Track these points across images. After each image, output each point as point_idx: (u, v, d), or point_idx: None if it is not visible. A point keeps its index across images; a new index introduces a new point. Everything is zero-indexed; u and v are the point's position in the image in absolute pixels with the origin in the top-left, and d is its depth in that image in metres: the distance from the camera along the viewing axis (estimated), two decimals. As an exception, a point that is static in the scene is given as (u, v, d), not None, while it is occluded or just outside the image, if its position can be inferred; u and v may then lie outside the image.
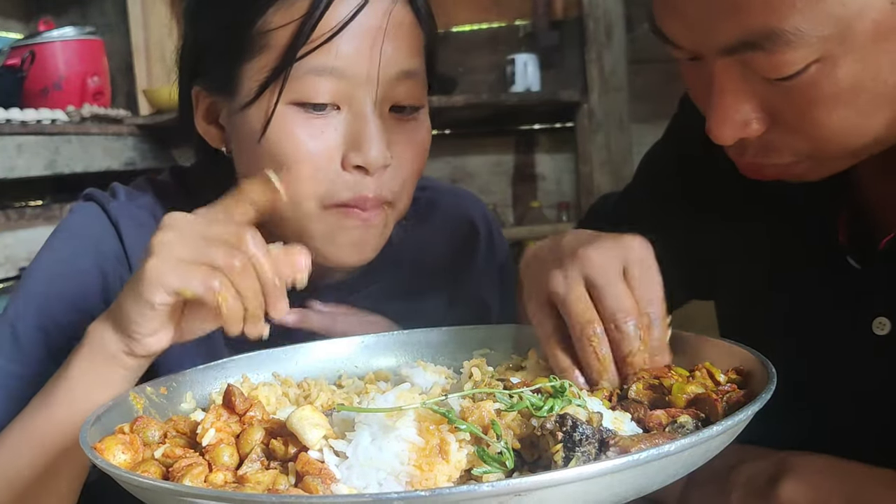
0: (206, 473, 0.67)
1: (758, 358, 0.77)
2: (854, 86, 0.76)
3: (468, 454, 0.65)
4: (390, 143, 0.99)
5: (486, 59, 3.57)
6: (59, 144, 2.63)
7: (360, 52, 0.96)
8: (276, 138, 0.98)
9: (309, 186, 0.98)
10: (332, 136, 0.98)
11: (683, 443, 0.60)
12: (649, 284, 0.81)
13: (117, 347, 0.84)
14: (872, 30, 0.73)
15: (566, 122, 3.52)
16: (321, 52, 0.96)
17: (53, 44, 2.84)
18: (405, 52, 1.00)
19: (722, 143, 0.84)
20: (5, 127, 2.43)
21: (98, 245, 1.07)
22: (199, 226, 0.81)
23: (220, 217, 0.83)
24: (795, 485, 0.84)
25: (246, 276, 0.78)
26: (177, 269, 0.78)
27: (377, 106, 0.98)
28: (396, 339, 1.00)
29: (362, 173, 0.98)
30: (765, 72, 0.77)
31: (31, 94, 2.73)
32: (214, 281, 0.78)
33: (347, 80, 0.96)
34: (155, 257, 0.79)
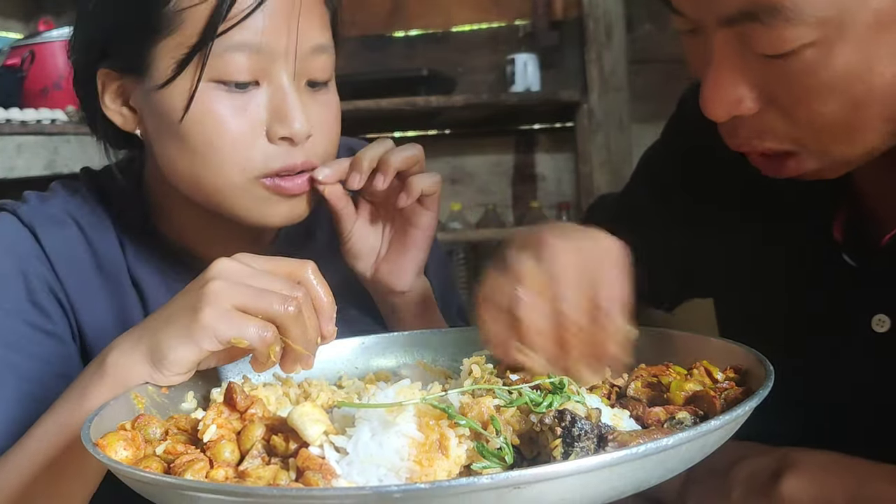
0: (208, 469, 0.67)
1: (755, 356, 0.78)
2: (849, 74, 0.76)
3: (468, 450, 0.65)
4: (309, 115, 1.01)
5: (486, 59, 3.58)
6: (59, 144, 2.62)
7: (278, 27, 0.98)
8: (198, 117, 0.98)
9: (236, 162, 0.99)
10: (255, 111, 0.99)
11: (682, 437, 0.60)
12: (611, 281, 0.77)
13: (144, 377, 0.84)
14: (873, 19, 0.73)
15: (566, 122, 3.52)
16: (241, 28, 0.96)
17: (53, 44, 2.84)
18: (317, 26, 1.02)
19: (714, 118, 0.84)
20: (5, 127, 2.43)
21: (14, 247, 1.06)
22: (249, 272, 0.83)
23: (271, 263, 0.85)
24: (798, 481, 0.84)
25: (300, 319, 0.82)
26: (232, 319, 0.80)
27: (294, 80, 1.00)
28: (396, 340, 1.01)
29: (288, 144, 1.00)
30: (761, 47, 0.77)
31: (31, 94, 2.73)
32: (268, 332, 0.80)
33: (266, 55, 0.98)
34: (208, 306, 0.80)
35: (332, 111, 1.06)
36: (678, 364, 0.82)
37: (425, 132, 3.65)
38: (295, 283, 0.84)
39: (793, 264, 1.00)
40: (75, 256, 1.08)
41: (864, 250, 0.94)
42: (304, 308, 0.82)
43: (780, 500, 0.84)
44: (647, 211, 1.15)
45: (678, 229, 1.11)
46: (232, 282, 0.81)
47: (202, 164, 1.00)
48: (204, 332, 0.80)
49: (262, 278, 0.82)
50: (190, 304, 0.81)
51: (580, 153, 3.44)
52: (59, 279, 1.06)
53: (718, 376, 0.79)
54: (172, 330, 0.82)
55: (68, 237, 1.08)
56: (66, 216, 1.09)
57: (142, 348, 0.83)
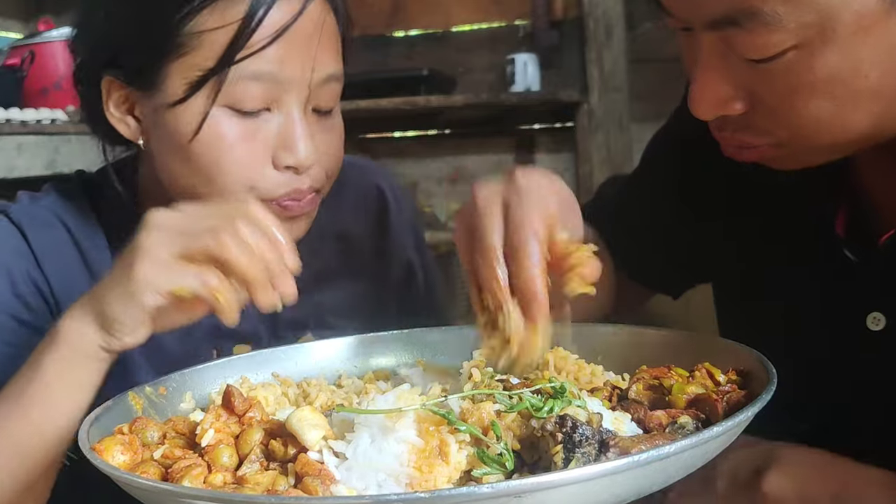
0: (206, 474, 0.67)
1: (758, 358, 0.77)
2: (832, 77, 0.76)
3: (468, 455, 0.65)
4: (315, 142, 1.01)
5: (485, 59, 3.57)
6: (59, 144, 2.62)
7: (293, 57, 0.98)
8: (207, 140, 0.98)
9: (242, 184, 0.99)
10: (263, 138, 0.99)
11: (683, 444, 0.60)
12: (523, 213, 0.79)
13: (96, 345, 0.83)
14: (854, 22, 0.73)
15: (566, 121, 3.51)
16: (259, 57, 0.96)
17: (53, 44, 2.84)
18: (332, 56, 1.02)
19: (700, 118, 0.85)
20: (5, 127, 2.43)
21: (1, 245, 1.07)
22: (184, 218, 0.81)
23: (206, 208, 0.83)
24: (780, 477, 0.84)
25: (245, 252, 0.78)
26: (168, 268, 0.78)
27: (304, 107, 1.00)
28: (396, 339, 1.00)
29: (294, 172, 1.00)
30: (744, 51, 0.78)
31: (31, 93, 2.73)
32: (210, 277, 0.77)
33: (280, 84, 0.98)
34: (143, 258, 0.78)
35: (337, 136, 1.06)
36: (680, 366, 0.81)
37: (425, 132, 3.64)
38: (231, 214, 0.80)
39: (792, 257, 1.00)
40: (62, 256, 1.08)
41: (865, 246, 0.94)
42: (250, 236, 0.78)
43: (763, 495, 0.85)
44: (651, 195, 1.15)
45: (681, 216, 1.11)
46: (166, 230, 0.79)
47: (207, 184, 1.00)
48: (142, 288, 0.78)
49: (199, 221, 0.80)
50: (127, 260, 0.79)
51: (580, 153, 3.43)
52: (45, 277, 1.06)
53: (720, 379, 0.79)
54: (115, 290, 0.80)
55: (56, 238, 1.09)
56: (55, 218, 1.10)
57: (90, 313, 0.82)
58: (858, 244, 0.94)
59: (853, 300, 0.93)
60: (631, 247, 1.15)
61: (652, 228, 1.14)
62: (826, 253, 0.96)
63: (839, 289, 0.95)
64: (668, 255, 1.13)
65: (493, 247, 0.78)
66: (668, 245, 1.13)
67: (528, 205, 0.79)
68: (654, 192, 1.16)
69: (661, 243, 1.13)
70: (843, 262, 0.94)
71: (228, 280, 0.78)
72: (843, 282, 0.94)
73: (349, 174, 1.26)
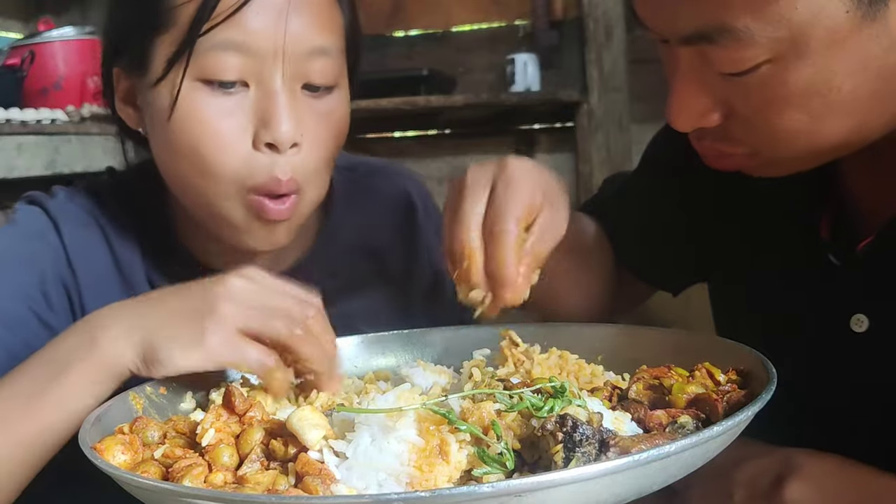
0: (206, 474, 0.67)
1: (758, 358, 0.77)
2: (806, 90, 0.77)
3: (468, 455, 0.65)
4: (302, 122, 0.97)
5: (485, 59, 3.57)
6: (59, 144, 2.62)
7: (267, 26, 0.94)
8: (183, 116, 0.96)
9: (221, 165, 0.96)
10: (242, 114, 0.96)
11: (684, 443, 0.60)
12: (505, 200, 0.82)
13: (129, 368, 0.83)
14: (826, 37, 0.74)
15: (566, 122, 3.51)
16: (226, 26, 0.94)
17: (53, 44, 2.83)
18: (316, 27, 0.98)
19: (678, 129, 0.86)
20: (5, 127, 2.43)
21: (36, 238, 1.06)
22: (259, 292, 0.83)
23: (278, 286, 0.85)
24: (801, 486, 0.83)
25: (314, 346, 0.82)
26: (236, 345, 0.80)
27: (287, 82, 0.96)
28: (396, 339, 1.00)
29: (273, 152, 0.96)
30: (719, 65, 0.79)
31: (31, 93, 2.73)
32: (269, 359, 0.81)
33: (254, 55, 0.95)
34: (216, 328, 0.80)
35: (331, 120, 1.01)
36: (680, 366, 0.81)
37: (425, 132, 3.64)
38: (304, 302, 0.84)
39: (778, 260, 1.01)
40: (94, 257, 1.07)
41: (848, 250, 0.94)
42: (314, 325, 0.83)
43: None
44: (652, 191, 1.16)
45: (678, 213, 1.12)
46: (241, 304, 0.81)
47: (190, 168, 0.98)
48: (207, 355, 0.80)
49: (272, 298, 0.83)
50: (196, 317, 0.81)
51: (580, 153, 3.43)
52: (75, 277, 1.05)
53: (720, 378, 0.79)
54: (174, 339, 0.81)
55: (89, 238, 1.08)
56: (90, 217, 1.09)
57: (136, 341, 0.82)
58: (842, 248, 0.94)
59: (837, 303, 0.94)
60: (632, 243, 1.15)
61: (652, 225, 1.14)
62: (811, 256, 0.97)
63: (824, 292, 0.95)
64: (667, 252, 1.14)
65: (470, 214, 0.82)
66: (667, 242, 1.13)
67: (514, 193, 0.82)
68: (654, 190, 1.16)
69: (660, 240, 1.14)
70: (828, 266, 0.95)
71: (285, 362, 0.82)
72: (828, 285, 0.95)
73: (379, 180, 1.26)
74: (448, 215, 0.86)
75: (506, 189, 0.82)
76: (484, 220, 0.82)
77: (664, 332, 0.92)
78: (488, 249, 0.81)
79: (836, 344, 0.93)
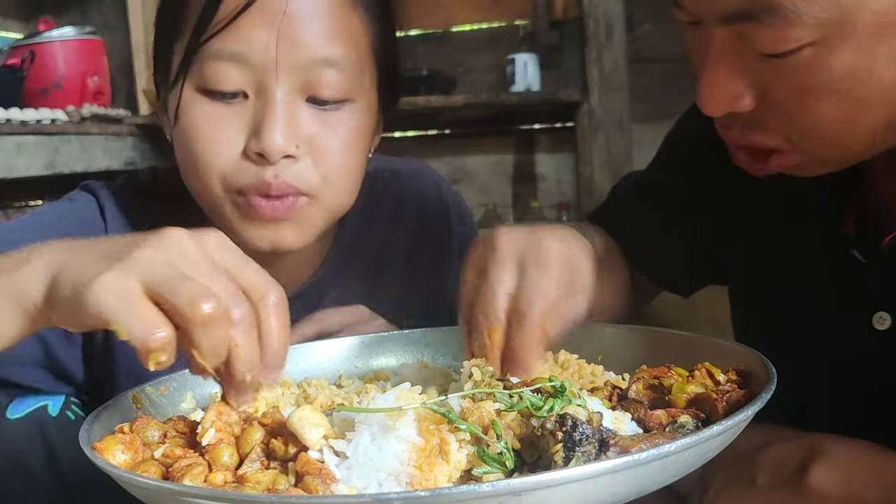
0: (206, 473, 0.67)
1: (758, 357, 0.77)
2: (847, 75, 0.75)
3: (468, 454, 0.65)
4: (307, 135, 0.96)
5: (485, 59, 3.57)
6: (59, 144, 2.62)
7: (264, 36, 0.93)
8: (186, 123, 0.97)
9: (209, 168, 0.97)
10: (236, 123, 0.96)
11: (683, 443, 0.60)
12: (536, 285, 0.81)
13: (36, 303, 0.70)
14: (873, 21, 0.73)
15: (566, 122, 3.51)
16: (224, 36, 0.93)
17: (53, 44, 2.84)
18: (324, 37, 0.95)
19: (708, 114, 0.83)
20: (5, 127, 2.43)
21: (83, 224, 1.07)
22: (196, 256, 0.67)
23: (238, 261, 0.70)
24: (827, 471, 0.81)
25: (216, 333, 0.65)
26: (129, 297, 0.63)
27: (286, 94, 0.95)
28: (396, 339, 1.00)
29: (263, 162, 0.95)
30: (760, 46, 0.77)
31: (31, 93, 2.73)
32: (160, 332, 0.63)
33: (252, 65, 0.94)
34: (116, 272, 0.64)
35: (339, 134, 0.98)
36: (680, 365, 0.81)
37: (425, 132, 3.64)
38: (241, 294, 0.68)
39: (800, 259, 1.00)
40: None
41: (873, 246, 0.94)
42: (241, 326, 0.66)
43: (808, 490, 0.81)
44: (666, 191, 1.15)
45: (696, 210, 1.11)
46: (161, 257, 0.65)
47: (191, 172, 1.00)
48: (87, 298, 0.63)
49: (202, 268, 0.66)
50: (109, 258, 0.66)
51: (580, 153, 3.43)
52: None
53: (720, 378, 0.79)
54: (73, 277, 0.66)
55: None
56: (130, 215, 1.10)
57: (48, 276, 0.69)
58: (867, 245, 0.94)
59: (860, 301, 0.93)
60: (644, 244, 1.15)
61: (665, 226, 1.13)
62: (834, 254, 0.96)
63: (847, 290, 0.95)
64: (680, 253, 1.13)
65: (498, 287, 0.82)
66: (681, 243, 1.13)
67: (544, 279, 0.82)
68: (667, 189, 1.15)
69: (674, 241, 1.13)
70: (851, 263, 0.94)
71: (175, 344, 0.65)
72: (851, 283, 0.94)
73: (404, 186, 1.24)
74: (471, 274, 0.85)
75: (538, 272, 0.81)
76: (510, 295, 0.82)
77: (664, 332, 0.92)
78: (510, 328, 0.81)
79: (858, 342, 0.93)
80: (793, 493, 0.82)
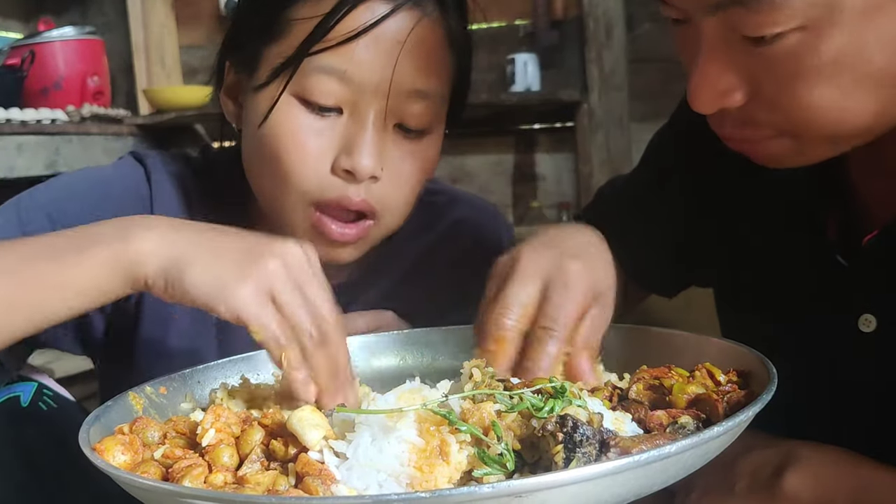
0: (206, 474, 0.67)
1: (758, 358, 0.77)
2: (837, 60, 0.75)
3: (469, 455, 0.65)
4: (388, 158, 0.99)
5: (485, 59, 3.57)
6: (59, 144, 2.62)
7: (374, 61, 0.96)
8: (274, 127, 0.99)
9: (297, 179, 0.98)
10: (329, 137, 0.98)
11: (684, 444, 0.60)
12: (559, 306, 0.83)
13: (149, 277, 0.79)
14: (862, 3, 0.72)
15: (566, 121, 3.51)
16: (334, 53, 0.95)
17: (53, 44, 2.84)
18: (423, 71, 0.99)
19: (700, 111, 0.83)
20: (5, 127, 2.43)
21: (127, 186, 1.09)
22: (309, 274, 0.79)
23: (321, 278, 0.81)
24: (800, 477, 0.83)
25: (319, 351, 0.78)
26: (266, 307, 0.76)
27: (381, 118, 0.98)
28: (397, 339, 1.00)
29: (350, 180, 0.98)
30: (749, 30, 0.76)
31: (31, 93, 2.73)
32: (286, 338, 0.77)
33: (355, 86, 0.96)
34: (255, 282, 0.76)
35: (416, 163, 1.02)
36: (680, 366, 0.81)
37: (425, 132, 3.63)
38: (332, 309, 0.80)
39: (784, 261, 1.00)
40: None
41: (855, 249, 0.94)
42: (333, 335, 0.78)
43: (783, 495, 0.83)
44: (651, 193, 1.15)
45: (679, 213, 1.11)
46: (287, 271, 0.78)
47: (269, 175, 1.01)
48: (231, 299, 0.76)
49: (314, 283, 0.79)
50: (240, 259, 0.78)
51: (580, 153, 3.43)
52: None
53: (721, 379, 0.79)
54: (207, 268, 0.78)
55: (172, 203, 1.10)
56: (179, 186, 1.12)
57: (166, 254, 0.79)
58: (849, 247, 0.94)
59: (845, 304, 0.93)
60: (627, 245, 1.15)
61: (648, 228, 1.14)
62: (818, 257, 0.96)
63: (831, 293, 0.95)
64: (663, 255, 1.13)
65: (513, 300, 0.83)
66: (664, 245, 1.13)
67: (570, 299, 0.83)
68: (653, 186, 1.15)
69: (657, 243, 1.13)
70: (835, 267, 0.94)
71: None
72: (836, 285, 0.94)
73: (460, 210, 1.26)
74: (491, 290, 0.86)
75: (563, 291, 0.82)
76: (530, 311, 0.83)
77: (664, 332, 0.92)
78: (528, 344, 0.82)
79: (844, 344, 0.93)
80: (768, 499, 0.84)
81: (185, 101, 3.07)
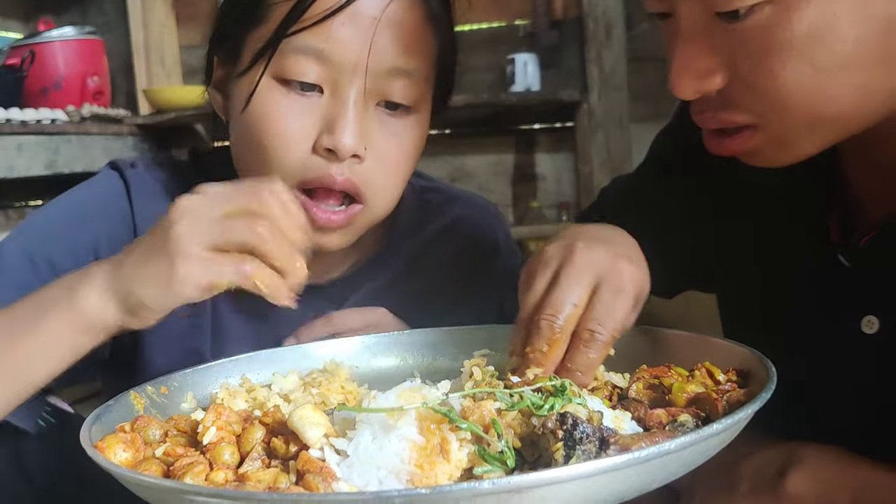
0: (207, 472, 0.67)
1: (758, 357, 0.77)
2: (809, 35, 0.75)
3: (469, 453, 0.65)
4: (372, 138, 0.99)
5: (485, 59, 3.57)
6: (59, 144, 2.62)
7: (352, 39, 0.96)
8: (256, 110, 0.99)
9: (279, 160, 0.98)
10: (310, 117, 0.98)
11: (684, 441, 0.60)
12: (610, 309, 0.82)
13: (116, 323, 0.81)
14: None
15: (566, 121, 3.51)
16: (312, 32, 0.96)
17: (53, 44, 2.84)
18: (403, 48, 0.99)
19: (681, 96, 0.84)
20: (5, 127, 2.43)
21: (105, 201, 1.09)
22: (213, 204, 0.80)
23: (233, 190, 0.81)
24: (802, 478, 0.83)
25: (277, 240, 0.78)
26: (206, 263, 0.77)
27: (362, 97, 0.98)
28: (397, 340, 1.00)
29: (332, 158, 0.98)
30: (720, 5, 0.77)
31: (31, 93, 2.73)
32: (246, 266, 0.77)
33: (333, 64, 0.97)
34: (180, 254, 0.77)
35: (401, 143, 1.02)
36: (680, 365, 0.82)
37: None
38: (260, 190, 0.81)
39: (787, 262, 1.00)
40: None
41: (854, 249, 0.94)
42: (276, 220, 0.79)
43: (785, 495, 0.83)
44: (652, 195, 1.15)
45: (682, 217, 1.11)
46: (196, 222, 0.78)
47: (254, 160, 1.01)
48: (183, 283, 0.77)
49: (229, 206, 0.79)
50: (161, 250, 0.78)
51: (580, 153, 3.43)
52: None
53: (720, 378, 0.79)
54: (148, 279, 0.79)
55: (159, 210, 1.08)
56: (164, 192, 1.11)
57: (114, 293, 0.81)
58: (851, 248, 0.94)
59: (848, 305, 0.93)
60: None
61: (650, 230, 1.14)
62: (820, 258, 0.96)
63: (834, 294, 0.95)
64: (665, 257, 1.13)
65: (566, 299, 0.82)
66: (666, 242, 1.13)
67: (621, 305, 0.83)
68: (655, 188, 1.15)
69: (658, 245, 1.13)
70: (838, 268, 0.94)
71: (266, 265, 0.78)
72: (838, 287, 0.94)
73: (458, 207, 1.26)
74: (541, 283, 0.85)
75: (617, 295, 0.82)
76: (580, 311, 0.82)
77: (664, 332, 0.92)
78: (574, 345, 0.81)
79: (846, 346, 0.93)
80: (771, 500, 0.84)
81: (184, 101, 3.07)
